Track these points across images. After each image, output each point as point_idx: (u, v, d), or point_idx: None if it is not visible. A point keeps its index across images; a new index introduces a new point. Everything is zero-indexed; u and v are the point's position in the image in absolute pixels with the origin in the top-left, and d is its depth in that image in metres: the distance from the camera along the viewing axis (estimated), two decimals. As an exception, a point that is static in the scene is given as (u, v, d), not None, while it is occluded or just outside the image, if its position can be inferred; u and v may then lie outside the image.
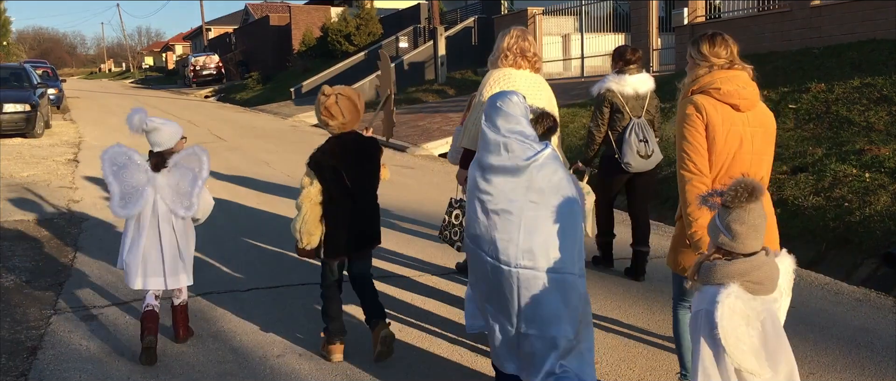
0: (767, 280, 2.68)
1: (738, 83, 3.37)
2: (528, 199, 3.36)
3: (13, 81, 17.95)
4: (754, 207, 2.64)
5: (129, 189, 4.33)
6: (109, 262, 6.48)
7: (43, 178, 10.84)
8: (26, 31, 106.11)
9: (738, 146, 3.34)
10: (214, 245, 7.03)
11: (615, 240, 6.35)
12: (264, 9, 53.65)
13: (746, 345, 2.61)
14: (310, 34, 34.98)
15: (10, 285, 5.85)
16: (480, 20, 25.32)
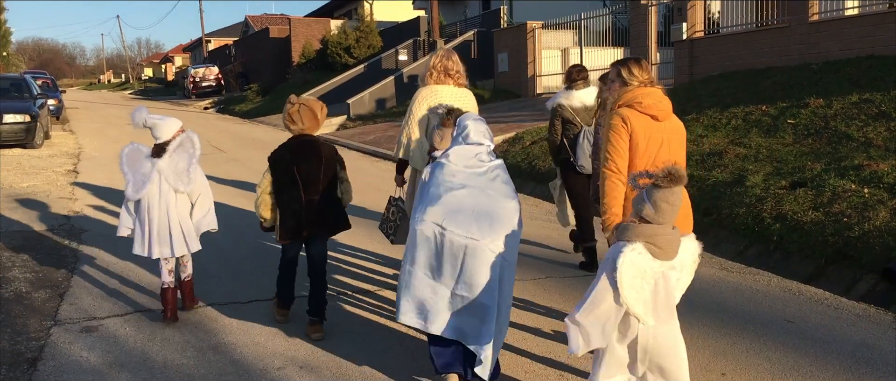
0: (668, 247, 3.37)
1: (656, 98, 4.08)
2: (479, 188, 4.03)
3: (13, 91, 17.99)
4: (678, 189, 3.36)
5: (140, 177, 5.19)
6: (109, 273, 6.50)
7: (42, 189, 10.85)
8: (26, 42, 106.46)
9: (658, 148, 4.05)
10: (215, 256, 7.03)
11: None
12: (264, 21, 53.82)
13: (638, 294, 3.32)
14: (309, 46, 35.07)
15: (9, 296, 5.85)
16: (480, 34, 25.39)
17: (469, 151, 4.14)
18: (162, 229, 5.22)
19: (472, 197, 3.98)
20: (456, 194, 3.97)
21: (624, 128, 4.01)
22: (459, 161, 4.11)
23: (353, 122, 21.79)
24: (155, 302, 5.68)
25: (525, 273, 6.54)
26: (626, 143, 4.00)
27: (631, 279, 3.29)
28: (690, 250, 3.57)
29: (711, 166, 9.13)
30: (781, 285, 6.19)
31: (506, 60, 22.36)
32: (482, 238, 3.86)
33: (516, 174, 12.50)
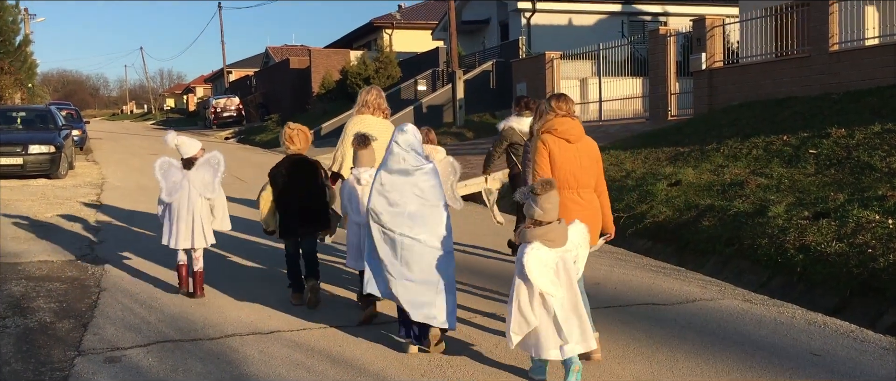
0: (558, 238, 4.53)
1: (568, 125, 5.23)
2: (413, 193, 5.13)
3: (39, 122, 18.26)
4: (552, 193, 4.49)
5: (172, 184, 6.64)
6: (133, 303, 6.54)
7: (66, 218, 10.96)
8: (51, 74, 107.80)
9: (571, 162, 5.19)
10: (236, 286, 7.07)
11: None
12: (285, 52, 54.41)
13: (545, 277, 4.44)
14: (329, 77, 35.37)
15: (34, 326, 5.89)
16: (499, 64, 25.54)
17: (407, 156, 5.18)
18: (187, 226, 6.59)
19: (407, 201, 5.11)
20: (393, 198, 5.12)
21: (544, 148, 5.20)
22: (396, 164, 5.18)
23: (372, 152, 21.91)
24: (178, 332, 5.72)
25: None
26: (546, 159, 5.18)
27: (537, 268, 4.43)
28: (578, 232, 4.72)
29: (733, 197, 9.09)
30: (806, 318, 6.12)
31: (524, 90, 22.43)
32: (415, 234, 5.08)
33: (536, 204, 12.50)
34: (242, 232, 9.48)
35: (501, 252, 8.84)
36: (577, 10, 28.18)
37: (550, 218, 4.50)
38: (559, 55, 20.94)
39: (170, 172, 6.69)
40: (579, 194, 5.20)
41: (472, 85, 24.54)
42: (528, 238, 4.49)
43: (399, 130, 5.30)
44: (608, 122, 18.91)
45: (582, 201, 5.20)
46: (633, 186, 10.89)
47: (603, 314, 6.21)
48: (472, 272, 7.75)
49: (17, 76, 29.24)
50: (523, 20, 27.44)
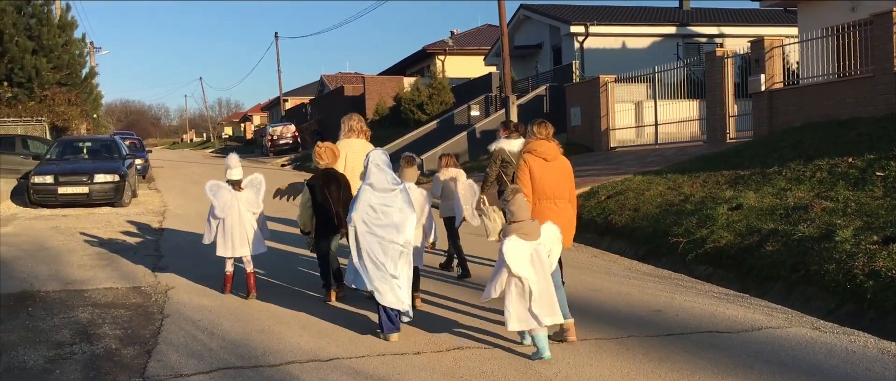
0: (530, 233, 5.68)
1: (546, 147, 6.50)
2: (396, 206, 6.29)
3: (104, 152, 18.81)
4: (519, 197, 5.76)
5: (223, 203, 7.80)
6: (195, 330, 6.63)
7: (130, 246, 11.24)
8: (115, 104, 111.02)
9: (549, 178, 6.39)
10: (295, 311, 7.13)
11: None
12: (339, 80, 55.21)
13: (522, 264, 5.56)
14: (383, 104, 35.77)
15: (100, 353, 6.02)
16: (552, 88, 25.47)
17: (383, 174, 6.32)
18: (239, 237, 7.85)
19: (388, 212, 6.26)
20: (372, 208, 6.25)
21: (525, 165, 6.44)
22: (377, 181, 6.31)
23: (426, 177, 21.99)
24: (239, 359, 5.78)
25: (605, 331, 6.42)
26: (527, 173, 6.38)
27: (514, 256, 5.55)
28: (551, 232, 5.87)
29: (797, 221, 8.86)
30: (879, 346, 5.90)
31: (578, 114, 22.33)
32: (396, 239, 6.22)
33: (592, 229, 12.36)
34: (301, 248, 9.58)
35: (632, 302, 8.63)
36: (631, 33, 28.03)
37: (522, 217, 5.73)
38: (613, 79, 20.79)
39: (219, 192, 7.83)
40: (555, 204, 6.42)
41: (526, 110, 24.50)
42: (507, 233, 5.71)
43: (373, 155, 6.44)
44: (664, 145, 18.66)
45: (557, 209, 6.40)
46: (691, 210, 10.70)
47: (665, 342, 6.09)
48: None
49: (83, 107, 30.18)
50: (576, 44, 27.38)
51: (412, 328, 6.60)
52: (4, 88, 27.55)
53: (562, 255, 6.36)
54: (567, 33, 27.70)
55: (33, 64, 27.27)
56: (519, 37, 32.03)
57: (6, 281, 8.67)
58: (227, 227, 7.82)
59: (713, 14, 30.67)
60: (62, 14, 30.33)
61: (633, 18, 29.16)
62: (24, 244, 11.39)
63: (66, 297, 7.91)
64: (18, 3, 28.07)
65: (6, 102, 27.26)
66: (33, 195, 16.02)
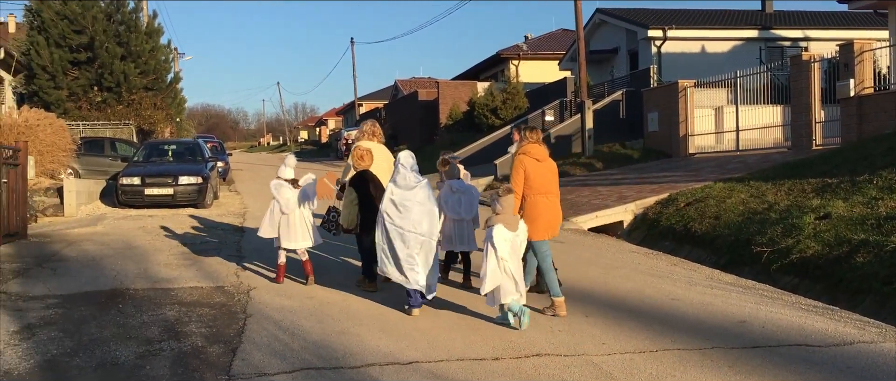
0: (512, 225, 6.80)
1: (538, 150, 7.50)
2: (416, 201, 7.19)
3: (187, 155, 19.38)
4: (510, 196, 6.91)
5: (286, 199, 8.62)
6: (278, 330, 6.76)
7: (213, 246, 11.53)
8: (196, 108, 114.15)
9: (540, 176, 7.40)
10: (373, 314, 7.19)
11: None
12: (413, 84, 55.59)
13: (505, 248, 6.67)
14: (456, 108, 35.84)
15: (187, 350, 6.18)
16: (629, 93, 25.10)
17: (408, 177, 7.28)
18: (301, 230, 8.66)
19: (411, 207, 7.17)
20: (396, 202, 7.19)
21: (520, 165, 7.42)
22: (403, 180, 7.27)
23: (499, 182, 21.95)
24: (321, 360, 5.86)
25: (687, 342, 6.28)
26: (521, 172, 7.39)
27: (500, 241, 6.69)
28: (523, 226, 7.02)
29: (890, 231, 8.51)
30: (982, 365, 5.61)
31: (656, 120, 21.95)
32: (421, 231, 7.14)
33: (670, 237, 12.13)
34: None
35: (715, 313, 8.50)
36: (711, 36, 27.41)
37: (509, 211, 6.89)
38: (693, 83, 20.36)
39: (281, 189, 8.67)
40: (546, 197, 7.42)
41: (601, 115, 24.24)
42: (493, 222, 6.81)
43: (402, 156, 7.44)
44: (746, 152, 18.18)
45: (548, 203, 7.43)
46: (776, 219, 10.39)
47: (751, 355, 5.92)
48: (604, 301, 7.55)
49: (168, 111, 31.18)
50: (654, 48, 26.93)
51: (489, 332, 6.59)
52: (95, 92, 28.70)
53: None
54: (644, 37, 27.27)
55: (122, 69, 28.32)
56: (594, 41, 31.70)
57: (98, 278, 9.01)
58: (291, 221, 8.60)
59: (797, 17, 29.74)
60: (149, 21, 31.41)
61: (713, 22, 28.50)
62: (113, 243, 11.82)
63: (154, 295, 8.16)
64: (109, 10, 29.21)
65: (96, 106, 28.38)
66: (121, 196, 16.61)
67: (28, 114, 18.59)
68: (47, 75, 27.67)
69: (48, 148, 17.98)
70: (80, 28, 28.05)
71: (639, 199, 14.32)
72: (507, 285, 6.69)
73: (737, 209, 11.63)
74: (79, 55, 28.36)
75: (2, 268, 9.40)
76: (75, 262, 10.14)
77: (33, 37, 28.04)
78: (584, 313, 7.30)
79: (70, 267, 9.75)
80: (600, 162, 21.69)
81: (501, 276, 6.67)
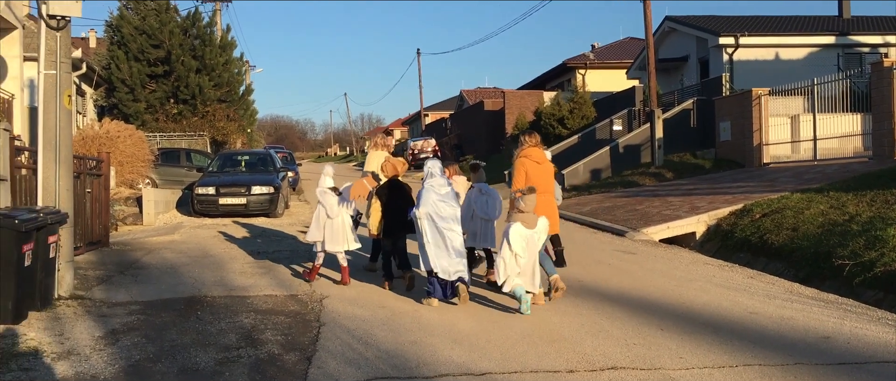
0: (530, 223, 7.62)
1: (536, 152, 8.53)
2: (447, 203, 8.08)
3: (259, 165, 19.80)
4: (531, 196, 7.69)
5: (330, 205, 9.23)
6: (351, 338, 6.83)
7: (285, 255, 11.73)
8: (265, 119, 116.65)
9: (540, 177, 8.38)
10: (445, 324, 7.21)
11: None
12: (478, 94, 55.73)
13: (520, 245, 7.51)
14: (523, 118, 35.77)
15: (264, 357, 6.30)
16: (700, 102, 24.63)
17: (440, 180, 8.25)
18: (343, 234, 9.22)
19: (445, 207, 8.04)
20: (438, 203, 8.03)
21: (522, 167, 8.42)
22: (437, 184, 8.18)
23: (567, 192, 21.78)
24: (394, 369, 5.89)
25: (768, 357, 6.10)
26: (523, 173, 8.36)
27: (516, 238, 7.47)
28: (543, 223, 7.79)
29: (983, 245, 8.12)
30: None
31: (728, 129, 21.49)
32: (452, 227, 7.99)
33: (746, 248, 11.85)
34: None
35: (797, 327, 8.31)
36: (785, 43, 26.73)
37: (528, 210, 7.65)
38: (767, 91, 19.88)
39: (326, 197, 9.27)
40: (544, 196, 8.24)
41: (671, 124, 23.85)
42: (512, 219, 7.65)
43: (430, 164, 8.42)
44: (824, 161, 17.64)
45: (545, 200, 8.30)
46: (858, 231, 10.05)
47: (837, 372, 5.72)
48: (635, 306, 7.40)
49: (241, 122, 31.95)
50: (725, 56, 26.40)
51: (563, 344, 6.54)
52: (171, 104, 29.60)
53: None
54: (715, 45, 26.75)
55: (197, 82, 29.15)
56: (663, 49, 31.24)
57: (177, 286, 9.26)
58: (335, 226, 9.18)
59: (877, 22, 28.73)
60: (223, 35, 32.26)
61: (787, 28, 27.78)
62: (190, 251, 12.14)
63: (231, 302, 8.35)
64: (185, 25, 30.11)
65: (172, 118, 29.26)
66: (197, 205, 17.07)
67: (109, 125, 19.27)
68: (126, 88, 28.67)
69: (128, 159, 18.60)
70: (157, 42, 29.00)
71: (712, 210, 14.02)
72: (516, 276, 7.53)
73: (816, 221, 11.29)
74: (156, 69, 29.32)
75: (87, 275, 9.74)
76: (155, 269, 10.45)
77: (113, 51, 29.10)
78: (660, 326, 7.17)
79: (150, 274, 10.05)
80: (670, 172, 21.34)
81: (513, 268, 7.49)
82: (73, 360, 6.07)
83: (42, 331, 6.90)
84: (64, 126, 8.46)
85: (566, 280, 9.63)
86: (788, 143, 19.97)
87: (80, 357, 6.14)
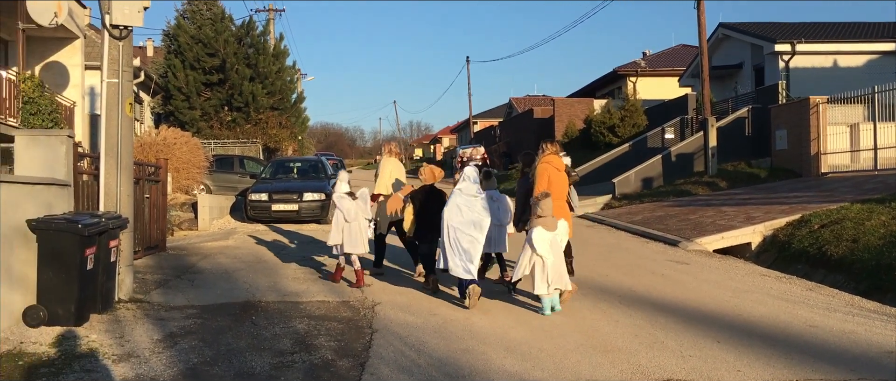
0: (551, 226, 8.06)
1: (557, 159, 9.01)
2: (477, 209, 8.45)
3: (311, 172, 20.03)
4: (547, 200, 8.16)
5: (348, 209, 9.65)
6: (404, 346, 6.85)
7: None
8: (315, 127, 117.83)
9: (560, 183, 8.86)
10: (497, 333, 7.19)
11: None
12: (527, 102, 55.59)
13: (544, 247, 7.90)
14: (572, 126, 35.52)
15: (318, 363, 6.35)
16: (755, 110, 24.17)
17: (470, 187, 8.59)
18: (360, 237, 9.68)
19: (471, 213, 8.41)
20: (462, 209, 8.41)
21: (544, 173, 8.83)
22: (466, 190, 8.57)
23: (618, 201, 21.57)
24: (447, 377, 5.90)
25: (832, 373, 5.95)
26: (545, 179, 8.75)
27: (540, 241, 7.86)
28: (563, 226, 8.36)
29: None
30: None
31: (784, 138, 21.05)
32: (473, 232, 8.32)
33: (803, 260, 11.59)
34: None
35: (859, 341, 8.13)
36: (844, 50, 26.09)
37: (548, 213, 8.08)
38: (825, 99, 19.43)
39: (343, 201, 9.68)
40: (559, 202, 8.66)
41: (725, 132, 23.45)
42: (534, 224, 8.06)
43: (468, 171, 8.77)
44: (885, 171, 17.17)
45: (561, 205, 8.78)
46: (923, 243, 9.73)
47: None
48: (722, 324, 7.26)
49: (293, 130, 32.41)
50: (781, 63, 25.88)
51: (617, 355, 6.47)
52: (225, 112, 30.13)
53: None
54: (771, 52, 26.24)
55: (250, 90, 29.65)
56: (717, 57, 30.75)
57: (232, 290, 9.41)
58: (353, 229, 9.63)
59: (940, 28, 27.90)
60: (276, 43, 32.77)
61: (845, 35, 27.11)
62: (244, 256, 12.33)
63: (284, 308, 8.44)
64: (239, 34, 30.65)
65: (226, 125, 29.78)
66: (250, 211, 17.32)
67: (166, 132, 19.70)
68: (182, 96, 29.28)
69: (184, 165, 18.98)
70: (213, 51, 29.59)
71: (768, 220, 13.74)
72: (538, 277, 7.95)
73: (877, 232, 10.98)
74: (211, 77, 29.89)
75: (145, 279, 9.96)
76: (210, 274, 10.63)
77: (170, 60, 29.77)
78: (716, 339, 7.05)
79: (206, 279, 10.23)
80: (724, 181, 20.98)
81: (528, 268, 8.01)
82: (133, 362, 6.21)
83: (103, 333, 7.07)
84: (125, 133, 8.68)
85: (618, 290, 9.52)
86: (847, 152, 19.49)
87: (140, 359, 6.28)
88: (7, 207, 6.92)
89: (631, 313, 8.18)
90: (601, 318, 7.94)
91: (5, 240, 6.88)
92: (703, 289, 9.62)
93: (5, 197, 6.90)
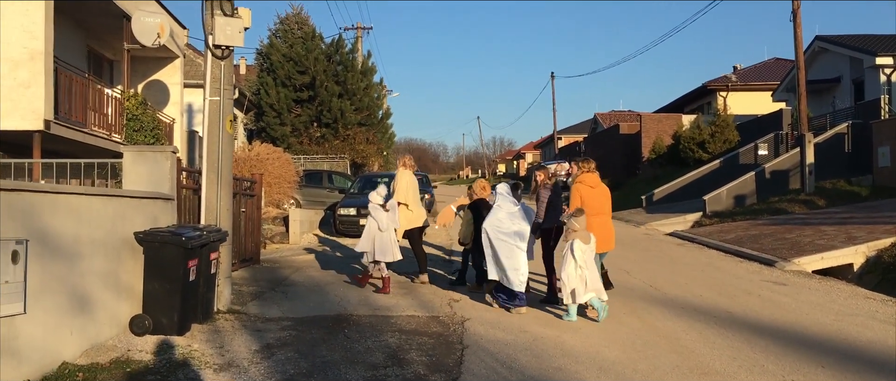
0: (586, 238, 8.67)
1: (591, 178, 9.49)
2: (513, 220, 9.12)
3: (398, 187, 20.22)
4: (581, 216, 8.74)
5: (379, 218, 10.37)
6: (496, 362, 6.84)
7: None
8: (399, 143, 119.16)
9: (594, 200, 9.34)
10: (589, 351, 7.10)
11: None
12: (613, 117, 54.90)
13: (584, 257, 8.51)
14: (660, 142, 34.91)
15: (410, 376, 6.40)
16: (855, 126, 23.25)
17: (508, 200, 9.37)
18: (391, 246, 10.39)
19: (511, 222, 9.08)
20: (504, 220, 9.09)
21: (578, 192, 9.30)
22: (505, 205, 9.27)
23: (709, 219, 21.04)
24: (540, 396, 5.85)
25: (948, 403, 5.64)
26: (578, 197, 9.24)
27: (579, 252, 8.42)
28: (593, 239, 8.74)
29: None
30: None
31: (887, 154, 20.16)
32: (517, 243, 8.93)
33: (912, 283, 11.03)
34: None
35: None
36: (951, 62, 24.86)
37: (581, 228, 8.61)
38: (932, 114, 18.52)
39: (377, 211, 10.39)
40: (599, 218, 9.24)
41: (822, 149, 22.61)
42: (572, 238, 8.56)
43: (502, 187, 9.64)
44: None
45: (601, 222, 9.27)
46: None
47: None
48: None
49: (379, 145, 32.91)
50: (883, 77, 24.87)
51: (717, 377, 6.29)
52: (314, 128, 30.83)
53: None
54: (871, 65, 25.25)
55: (339, 106, 30.26)
56: (813, 70, 29.74)
57: (324, 303, 9.59)
58: (384, 238, 10.35)
59: None
60: (364, 61, 33.39)
61: (954, 46, 25.85)
62: (334, 270, 12.54)
63: (375, 322, 8.55)
64: (329, 51, 31.36)
65: (315, 141, 30.46)
66: (339, 225, 17.64)
67: (259, 148, 20.28)
68: (274, 113, 30.12)
69: (275, 180, 19.48)
70: (303, 69, 30.36)
71: (871, 240, 13.16)
72: (580, 287, 8.43)
73: None
74: (301, 94, 30.65)
75: (241, 290, 10.25)
76: (303, 286, 10.86)
77: (263, 78, 30.69)
78: (820, 363, 6.78)
79: (299, 291, 10.46)
80: (822, 199, 20.20)
81: (577, 280, 8.40)
82: (232, 372, 6.39)
83: (204, 343, 7.31)
84: (225, 149, 8.98)
85: (713, 310, 9.31)
86: (957, 169, 18.51)
87: (239, 369, 6.46)
88: (117, 220, 7.25)
89: (728, 334, 7.96)
90: (697, 339, 7.75)
91: (115, 252, 7.21)
92: (803, 311, 9.28)
93: (115, 211, 7.24)
